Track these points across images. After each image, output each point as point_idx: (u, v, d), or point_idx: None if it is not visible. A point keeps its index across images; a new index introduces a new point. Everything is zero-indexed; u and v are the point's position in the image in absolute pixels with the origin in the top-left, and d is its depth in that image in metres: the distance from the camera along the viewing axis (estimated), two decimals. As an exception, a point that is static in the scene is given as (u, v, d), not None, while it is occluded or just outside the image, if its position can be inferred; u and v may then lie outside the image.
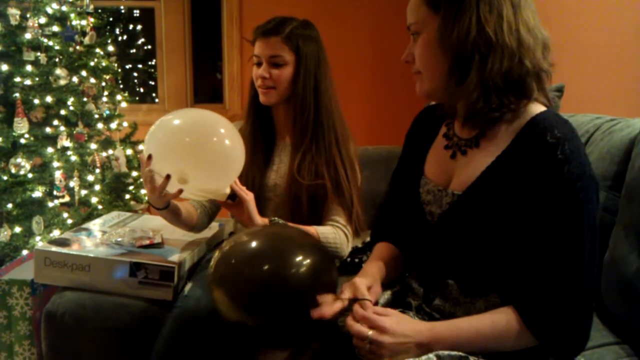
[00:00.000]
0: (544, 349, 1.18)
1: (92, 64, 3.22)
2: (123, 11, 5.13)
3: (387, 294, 1.41)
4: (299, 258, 1.27)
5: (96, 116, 3.22)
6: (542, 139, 1.14)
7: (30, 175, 2.74)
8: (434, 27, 1.20)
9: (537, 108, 1.22)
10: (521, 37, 1.16)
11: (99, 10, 3.74)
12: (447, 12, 1.17)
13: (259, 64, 1.94)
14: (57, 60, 2.96)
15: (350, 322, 1.20)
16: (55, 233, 2.73)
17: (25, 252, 2.62)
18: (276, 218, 1.79)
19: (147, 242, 1.88)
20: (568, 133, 1.15)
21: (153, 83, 4.79)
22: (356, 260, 2.07)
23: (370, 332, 1.15)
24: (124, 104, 3.64)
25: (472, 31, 1.15)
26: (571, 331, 1.15)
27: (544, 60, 1.20)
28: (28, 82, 2.79)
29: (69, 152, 2.91)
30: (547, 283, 1.14)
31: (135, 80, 5.23)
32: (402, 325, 1.17)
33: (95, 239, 1.91)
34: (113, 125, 3.42)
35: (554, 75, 1.24)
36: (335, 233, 1.89)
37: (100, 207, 3.04)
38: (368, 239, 2.11)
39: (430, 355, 1.11)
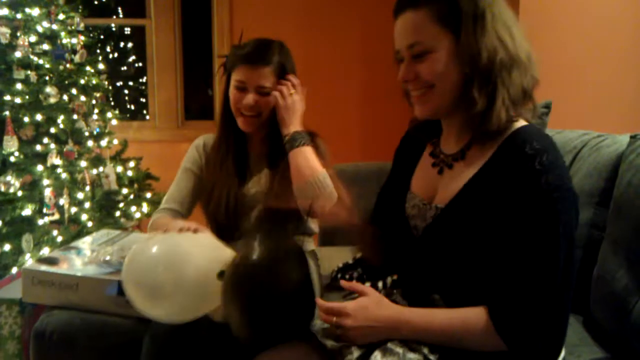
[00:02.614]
0: (514, 356, 1.19)
1: (82, 82, 3.23)
2: (114, 29, 5.14)
3: None
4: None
5: (86, 134, 3.22)
6: (520, 150, 1.17)
7: (20, 193, 2.73)
8: (450, 45, 1.22)
9: (519, 122, 1.25)
10: (527, 51, 1.23)
11: (90, 29, 3.75)
12: (469, 32, 1.20)
13: (242, 90, 1.92)
14: (47, 78, 2.96)
15: (320, 313, 1.27)
16: (45, 251, 2.72)
17: (14, 270, 2.61)
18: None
19: (137, 260, 1.87)
20: (547, 145, 1.17)
21: (144, 100, 4.79)
22: (347, 277, 2.06)
23: (335, 319, 1.23)
24: (114, 122, 3.65)
25: (499, 49, 1.19)
26: (540, 340, 1.16)
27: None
28: (18, 100, 2.79)
29: (59, 170, 2.90)
30: (520, 289, 1.15)
31: (126, 98, 5.23)
32: (367, 311, 1.23)
33: (84, 257, 1.90)
34: (103, 143, 3.41)
35: (542, 91, 1.28)
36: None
37: (90, 224, 3.03)
38: (359, 254, 2.10)
39: None
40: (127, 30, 5.19)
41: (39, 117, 2.86)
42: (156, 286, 1.47)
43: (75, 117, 3.11)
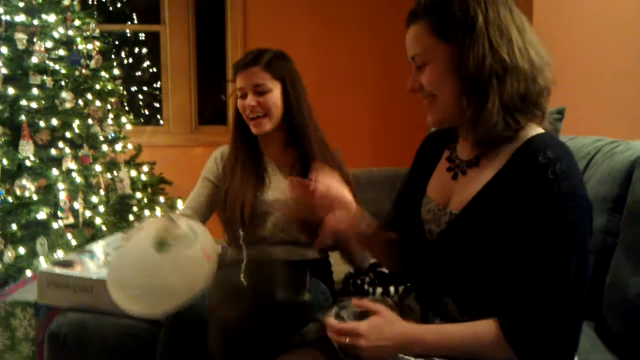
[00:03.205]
0: None
1: (97, 87, 3.25)
2: (129, 35, 5.18)
3: None
4: None
5: (101, 139, 3.25)
6: (534, 160, 1.16)
7: (35, 197, 2.76)
8: (445, 56, 1.22)
9: (535, 130, 1.24)
10: (532, 59, 1.20)
11: (105, 35, 3.78)
12: (459, 40, 1.20)
13: (243, 96, 1.98)
14: (63, 83, 2.99)
15: (331, 334, 1.25)
16: (60, 254, 2.74)
17: (29, 273, 2.63)
18: None
19: (150, 263, 1.88)
20: (561, 154, 1.16)
21: (158, 105, 4.83)
22: (359, 282, 2.07)
23: (347, 339, 1.21)
24: (129, 127, 3.68)
25: (488, 57, 1.18)
26: (551, 350, 1.15)
27: (549, 79, 1.23)
28: (34, 105, 2.82)
29: (74, 174, 2.92)
30: (530, 299, 1.15)
31: (141, 103, 5.27)
32: (380, 331, 1.22)
33: (99, 260, 1.92)
34: (118, 148, 3.44)
35: (556, 98, 1.27)
36: None
37: (104, 228, 3.05)
38: (373, 260, 2.10)
39: None
40: (142, 36, 5.23)
41: (54, 122, 2.88)
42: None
43: (90, 122, 3.14)
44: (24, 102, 2.80)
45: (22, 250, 2.70)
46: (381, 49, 4.30)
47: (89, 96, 3.18)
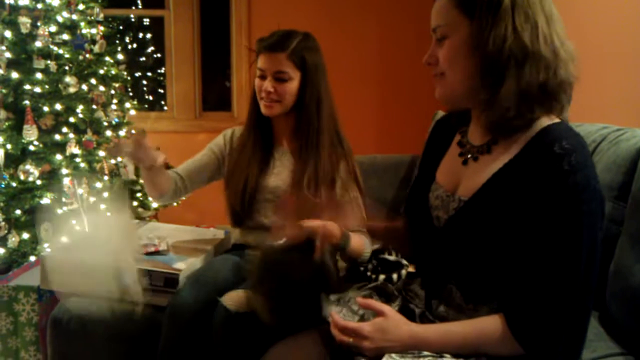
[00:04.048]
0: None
1: (101, 72, 3.24)
2: (133, 20, 5.16)
3: (395, 308, 1.42)
4: None
5: (105, 124, 3.24)
6: (549, 149, 1.14)
7: (39, 182, 2.76)
8: (465, 32, 1.20)
9: (550, 119, 1.22)
10: (556, 49, 1.18)
11: (109, 19, 3.77)
12: (482, 18, 1.18)
13: (262, 77, 1.99)
14: (66, 68, 2.98)
15: (335, 331, 1.26)
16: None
17: (32, 258, 2.63)
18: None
19: (153, 249, 1.89)
20: (577, 145, 1.14)
21: (162, 91, 4.82)
22: (361, 269, 2.07)
23: (351, 340, 1.23)
24: (132, 112, 3.67)
25: (509, 39, 1.16)
26: (558, 344, 1.14)
27: (572, 73, 1.21)
28: (38, 89, 2.81)
29: (77, 159, 2.92)
30: (538, 291, 1.14)
31: (145, 88, 5.25)
32: (385, 333, 1.22)
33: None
34: (122, 133, 3.43)
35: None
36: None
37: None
38: (376, 245, 2.10)
39: None
40: (146, 21, 5.21)
41: (58, 106, 2.87)
42: None
43: (94, 107, 3.13)
44: (27, 86, 2.79)
45: (25, 235, 2.70)
46: (385, 40, 4.29)
47: (93, 81, 3.17)
